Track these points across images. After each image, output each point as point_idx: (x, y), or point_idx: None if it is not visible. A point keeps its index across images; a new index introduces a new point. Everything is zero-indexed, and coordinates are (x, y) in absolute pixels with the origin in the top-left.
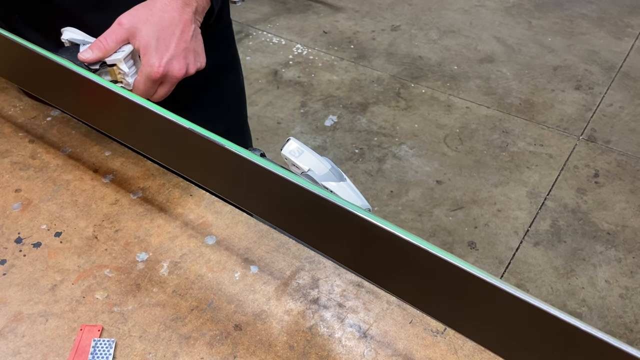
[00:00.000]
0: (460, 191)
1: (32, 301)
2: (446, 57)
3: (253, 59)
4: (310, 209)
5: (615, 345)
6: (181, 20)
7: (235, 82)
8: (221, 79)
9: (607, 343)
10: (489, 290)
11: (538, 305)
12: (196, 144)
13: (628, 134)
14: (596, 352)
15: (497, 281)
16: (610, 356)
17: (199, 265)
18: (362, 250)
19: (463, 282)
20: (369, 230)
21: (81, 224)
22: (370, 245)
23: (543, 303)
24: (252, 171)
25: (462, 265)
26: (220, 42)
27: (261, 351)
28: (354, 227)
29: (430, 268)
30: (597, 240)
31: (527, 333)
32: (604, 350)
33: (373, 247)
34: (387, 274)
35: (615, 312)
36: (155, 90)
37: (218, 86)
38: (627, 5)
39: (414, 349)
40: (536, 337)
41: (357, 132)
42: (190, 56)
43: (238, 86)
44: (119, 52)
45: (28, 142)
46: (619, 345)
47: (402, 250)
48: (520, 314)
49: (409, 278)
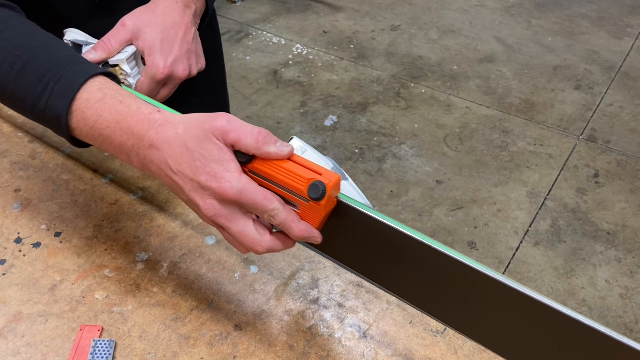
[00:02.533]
0: (460, 191)
1: (32, 301)
2: (446, 57)
3: (253, 59)
4: None
5: (620, 341)
6: (183, 22)
7: (219, 68)
8: (208, 65)
9: (613, 339)
10: (491, 285)
11: (541, 300)
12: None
13: (628, 134)
14: (600, 348)
15: (500, 276)
16: (614, 351)
17: (199, 265)
18: (363, 248)
19: (465, 278)
20: (370, 227)
21: (81, 224)
22: (372, 243)
23: (547, 298)
24: None
25: (465, 261)
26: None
27: (261, 351)
28: (355, 224)
29: (431, 264)
30: (597, 240)
31: (528, 330)
32: (608, 346)
33: (375, 244)
34: (389, 272)
35: (615, 312)
36: (158, 91)
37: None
38: (627, 5)
39: (414, 349)
40: (538, 333)
41: (357, 132)
42: (193, 57)
43: (221, 74)
44: (122, 53)
45: (28, 142)
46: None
47: (404, 247)
48: (523, 309)
49: (410, 276)
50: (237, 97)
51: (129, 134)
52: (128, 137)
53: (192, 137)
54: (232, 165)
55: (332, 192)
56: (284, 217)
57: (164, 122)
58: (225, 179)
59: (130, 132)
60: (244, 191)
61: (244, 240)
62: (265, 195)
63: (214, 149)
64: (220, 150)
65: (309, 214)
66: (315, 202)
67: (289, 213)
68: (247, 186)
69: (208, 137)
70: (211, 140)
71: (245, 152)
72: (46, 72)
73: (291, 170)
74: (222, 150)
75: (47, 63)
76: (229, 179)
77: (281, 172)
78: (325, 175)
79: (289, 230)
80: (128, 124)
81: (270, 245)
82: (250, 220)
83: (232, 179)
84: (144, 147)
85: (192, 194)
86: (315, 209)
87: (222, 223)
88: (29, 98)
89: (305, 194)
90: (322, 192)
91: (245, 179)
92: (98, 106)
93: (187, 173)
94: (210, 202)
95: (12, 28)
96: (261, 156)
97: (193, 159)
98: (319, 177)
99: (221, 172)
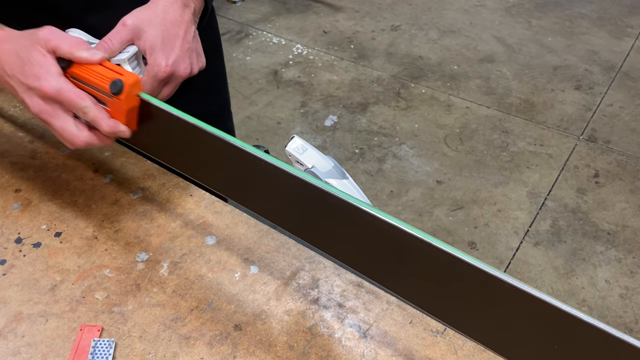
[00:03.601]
0: (460, 191)
1: (32, 301)
2: (446, 57)
3: (253, 59)
4: (313, 203)
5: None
6: (183, 21)
7: (219, 66)
8: (208, 64)
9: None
10: (491, 282)
11: (541, 297)
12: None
13: (628, 134)
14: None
15: (500, 273)
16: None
17: (199, 266)
18: (364, 246)
19: (466, 275)
20: (372, 224)
21: (81, 224)
22: (373, 240)
23: (547, 295)
24: (256, 167)
25: (465, 258)
26: (207, 26)
27: (261, 351)
28: (356, 221)
29: (432, 262)
30: (597, 240)
31: (528, 328)
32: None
33: (376, 242)
34: (389, 271)
35: (615, 312)
36: (160, 90)
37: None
38: (627, 5)
39: (414, 349)
40: (537, 331)
41: (357, 132)
42: (194, 56)
43: (222, 71)
44: (123, 52)
45: (28, 142)
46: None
47: (405, 244)
48: (523, 306)
49: (411, 274)
50: (237, 97)
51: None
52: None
53: (22, 46)
54: (52, 68)
55: (132, 89)
56: (94, 113)
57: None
58: (46, 79)
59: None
60: (61, 90)
61: (64, 134)
62: (79, 94)
63: (38, 56)
64: (43, 56)
65: (116, 110)
66: (116, 97)
67: (99, 111)
68: (64, 86)
69: (34, 46)
70: (36, 49)
71: (63, 57)
72: None
73: (98, 71)
74: (45, 57)
75: None
76: (48, 79)
77: (91, 74)
78: (125, 75)
79: (99, 125)
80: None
81: (87, 140)
82: (70, 118)
83: (51, 79)
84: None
85: (22, 95)
86: (118, 104)
87: (45, 118)
88: None
89: (108, 90)
90: (120, 87)
91: (63, 80)
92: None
93: (18, 76)
94: (36, 100)
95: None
96: (75, 60)
97: (22, 63)
98: (119, 76)
99: (43, 73)
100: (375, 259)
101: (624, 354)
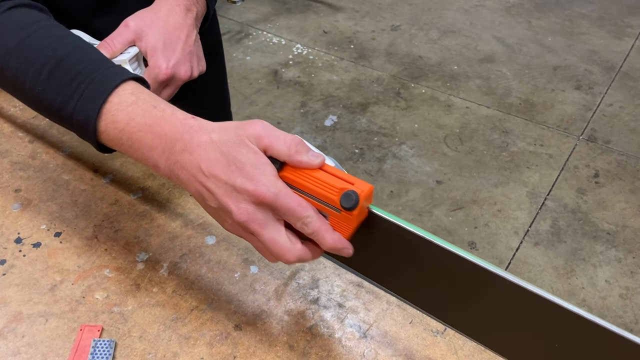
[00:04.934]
0: (460, 191)
1: (32, 301)
2: (446, 57)
3: (253, 59)
4: None
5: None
6: (185, 25)
7: (220, 67)
8: (209, 64)
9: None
10: (491, 280)
11: (541, 294)
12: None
13: (628, 134)
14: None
15: (500, 271)
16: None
17: (199, 266)
18: (364, 246)
19: (467, 274)
20: (371, 224)
21: (81, 224)
22: (373, 240)
23: (547, 292)
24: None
25: (466, 256)
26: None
27: (261, 351)
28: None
29: (433, 261)
30: (597, 240)
31: (528, 326)
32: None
33: (375, 242)
34: (390, 270)
35: (615, 312)
36: (160, 92)
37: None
38: (627, 5)
39: (414, 349)
40: (538, 329)
41: (357, 132)
42: (195, 59)
43: (223, 72)
44: (124, 53)
45: (28, 142)
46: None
47: (405, 243)
48: (523, 304)
49: (411, 274)
50: (237, 97)
51: (161, 137)
52: (159, 141)
53: (227, 141)
54: (268, 168)
55: (365, 202)
56: (317, 225)
57: (198, 128)
58: (262, 181)
59: (163, 136)
60: (280, 195)
61: (274, 248)
62: (300, 202)
63: (249, 152)
64: (255, 153)
65: (340, 224)
66: (347, 212)
67: (323, 222)
68: (282, 190)
69: (242, 141)
70: (246, 144)
71: (276, 158)
72: (77, 74)
73: (322, 179)
74: (257, 154)
75: (79, 65)
76: (264, 181)
77: (312, 181)
78: (357, 184)
79: (322, 239)
80: (162, 127)
81: (300, 254)
82: (283, 227)
83: (268, 182)
84: (176, 151)
85: (224, 199)
86: (347, 219)
87: (254, 229)
88: (58, 99)
89: (337, 204)
90: (355, 201)
91: (281, 183)
92: (130, 109)
93: (220, 176)
94: (244, 206)
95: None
96: (292, 164)
97: (227, 162)
98: (351, 187)
99: (257, 174)
100: (375, 259)
101: (625, 352)
